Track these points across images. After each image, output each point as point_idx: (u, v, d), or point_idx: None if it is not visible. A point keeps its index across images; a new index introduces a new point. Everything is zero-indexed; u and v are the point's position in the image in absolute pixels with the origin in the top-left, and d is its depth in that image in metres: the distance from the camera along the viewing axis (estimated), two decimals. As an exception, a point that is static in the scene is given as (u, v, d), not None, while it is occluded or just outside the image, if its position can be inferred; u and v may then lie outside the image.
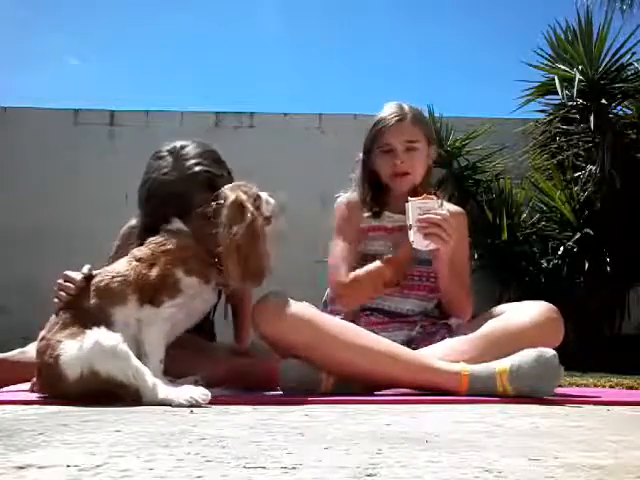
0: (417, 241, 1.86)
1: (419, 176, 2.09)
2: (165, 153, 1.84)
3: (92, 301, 1.59)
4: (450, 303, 2.04)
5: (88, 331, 1.49)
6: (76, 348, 1.47)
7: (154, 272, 1.61)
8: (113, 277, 1.61)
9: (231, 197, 1.68)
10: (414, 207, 1.86)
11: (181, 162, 1.80)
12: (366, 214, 2.13)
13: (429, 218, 1.83)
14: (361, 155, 2.16)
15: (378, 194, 2.15)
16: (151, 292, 1.60)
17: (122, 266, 1.64)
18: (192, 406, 1.39)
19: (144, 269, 1.62)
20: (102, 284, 1.61)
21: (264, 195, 1.75)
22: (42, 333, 1.60)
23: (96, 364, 1.44)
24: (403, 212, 2.02)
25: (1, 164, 4.94)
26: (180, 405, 1.40)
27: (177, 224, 1.72)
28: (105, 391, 1.46)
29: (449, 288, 2.00)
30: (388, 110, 2.10)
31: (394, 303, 2.03)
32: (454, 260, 1.97)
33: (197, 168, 1.79)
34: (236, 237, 1.61)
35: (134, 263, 1.64)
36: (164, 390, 1.46)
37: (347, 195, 2.18)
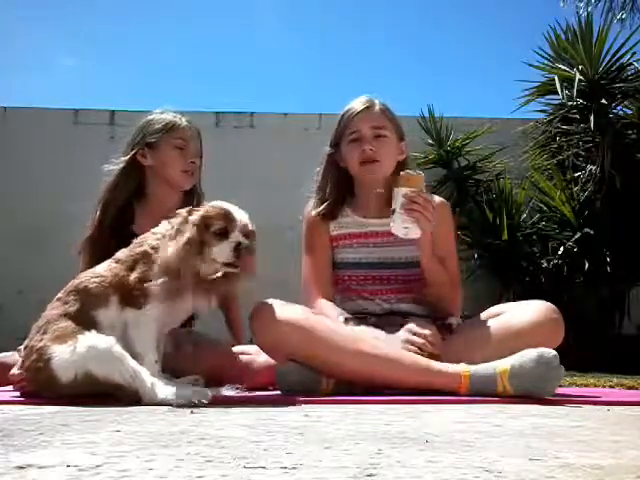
0: (397, 227, 1.87)
1: (388, 167, 2.07)
2: None
3: (73, 304, 1.58)
4: (438, 298, 2.01)
5: (80, 335, 1.48)
6: (68, 352, 1.46)
7: (132, 275, 1.60)
8: (91, 278, 1.61)
9: (195, 215, 1.62)
10: (400, 194, 1.86)
11: None
12: (331, 224, 2.10)
13: (413, 203, 1.83)
14: (327, 149, 2.13)
15: (343, 193, 2.12)
16: (130, 295, 1.58)
17: (102, 268, 1.65)
18: (193, 406, 1.39)
19: (122, 271, 1.61)
20: (81, 286, 1.60)
21: (241, 218, 1.63)
22: (25, 342, 1.60)
23: (92, 367, 1.44)
24: (373, 217, 2.04)
25: (1, 164, 4.94)
26: (181, 405, 1.40)
27: (162, 226, 1.69)
28: (101, 392, 1.46)
29: (433, 279, 1.98)
30: (356, 100, 2.10)
31: (387, 306, 2.03)
32: (441, 251, 1.98)
33: None
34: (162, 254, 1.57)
35: (113, 265, 1.64)
36: (163, 390, 1.45)
37: (312, 205, 2.15)
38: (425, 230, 1.87)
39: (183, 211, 1.65)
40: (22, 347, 1.66)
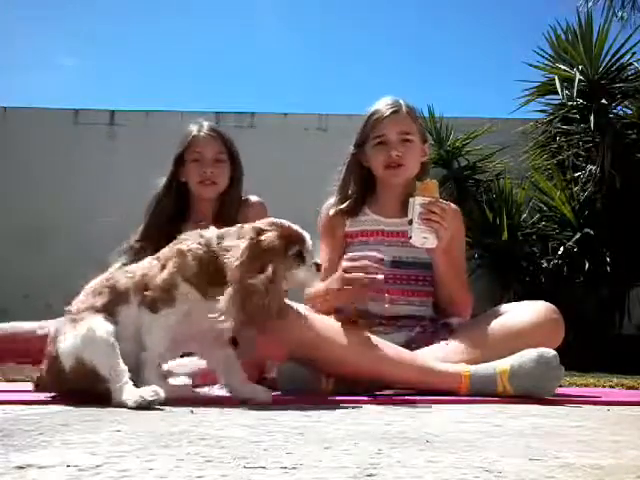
0: (415, 238, 1.87)
1: (412, 170, 2.08)
2: None
3: (102, 298, 1.52)
4: (451, 301, 2.03)
5: (87, 317, 1.45)
6: (72, 336, 1.43)
7: (160, 275, 1.52)
8: (123, 274, 1.56)
9: (269, 236, 1.48)
10: (417, 203, 1.86)
11: None
12: (348, 221, 2.10)
13: (431, 213, 1.83)
14: (351, 148, 2.13)
15: (364, 192, 2.13)
16: (149, 296, 1.50)
17: (139, 265, 1.59)
18: (140, 407, 1.33)
19: (153, 269, 1.53)
20: (113, 281, 1.55)
21: (308, 241, 1.54)
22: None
23: (84, 353, 1.40)
24: (392, 215, 2.03)
25: (1, 164, 4.95)
26: (132, 406, 1.34)
27: (211, 232, 1.57)
28: (93, 386, 1.41)
29: (448, 283, 2.00)
30: (383, 102, 2.09)
31: (391, 307, 2.03)
32: (452, 256, 1.98)
33: None
34: (250, 281, 1.42)
35: (152, 262, 1.57)
36: (128, 393, 1.38)
37: (333, 201, 2.16)
38: (442, 239, 1.87)
39: (250, 229, 1.52)
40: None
